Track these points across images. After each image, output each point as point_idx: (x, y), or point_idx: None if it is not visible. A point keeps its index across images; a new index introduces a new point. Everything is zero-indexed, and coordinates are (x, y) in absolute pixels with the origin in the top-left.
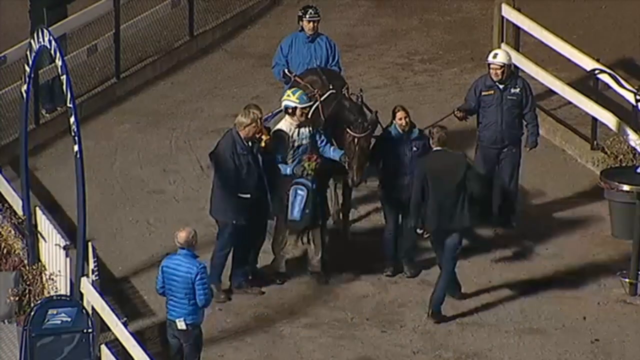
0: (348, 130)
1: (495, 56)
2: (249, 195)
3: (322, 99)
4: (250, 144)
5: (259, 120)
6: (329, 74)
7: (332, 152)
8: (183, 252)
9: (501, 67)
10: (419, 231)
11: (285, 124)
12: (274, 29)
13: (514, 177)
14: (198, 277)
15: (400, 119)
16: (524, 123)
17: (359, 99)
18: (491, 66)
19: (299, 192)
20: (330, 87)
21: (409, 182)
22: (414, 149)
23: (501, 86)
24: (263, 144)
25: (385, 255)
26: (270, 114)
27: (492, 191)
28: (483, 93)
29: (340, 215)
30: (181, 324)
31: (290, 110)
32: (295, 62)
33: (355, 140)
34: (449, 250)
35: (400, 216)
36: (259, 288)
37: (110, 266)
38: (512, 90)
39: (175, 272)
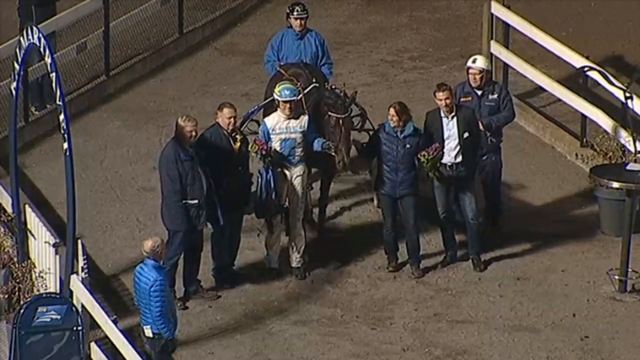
0: (330, 113)
1: (474, 61)
2: (196, 201)
3: (305, 91)
4: (192, 148)
5: (233, 119)
6: (312, 70)
7: (316, 145)
8: (148, 261)
9: (480, 72)
10: None
11: (275, 116)
12: (263, 26)
13: (495, 183)
14: (152, 288)
15: (392, 115)
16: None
17: (353, 98)
18: (470, 71)
19: (258, 181)
20: (314, 80)
21: (402, 179)
22: (407, 146)
23: (479, 92)
24: (236, 145)
25: (387, 252)
26: (256, 106)
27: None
28: (461, 99)
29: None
30: (148, 331)
31: (277, 103)
32: (285, 59)
33: (340, 121)
34: None
35: (397, 212)
36: (215, 292)
37: (100, 263)
38: (490, 97)
39: (139, 280)
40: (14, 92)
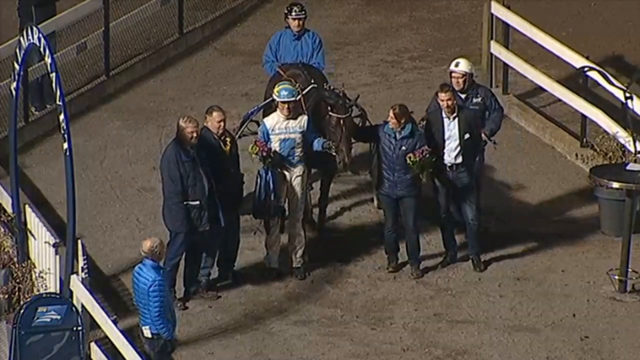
0: (331, 113)
1: (457, 64)
2: (197, 203)
3: (303, 92)
4: (193, 149)
5: (222, 122)
6: (310, 70)
7: (316, 144)
8: (147, 261)
9: (463, 75)
10: None
11: (274, 116)
12: (263, 26)
13: (478, 182)
14: (151, 289)
15: (391, 118)
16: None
17: (355, 100)
18: (453, 75)
19: (257, 181)
20: (312, 81)
21: (398, 179)
22: (403, 147)
23: (463, 96)
24: (227, 148)
25: (387, 252)
26: (255, 107)
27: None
28: None
29: (318, 209)
30: (147, 332)
31: (275, 103)
32: (283, 59)
33: (341, 121)
34: None
35: (398, 213)
36: (215, 292)
37: (100, 263)
38: (474, 100)
39: (137, 281)
40: (14, 92)
